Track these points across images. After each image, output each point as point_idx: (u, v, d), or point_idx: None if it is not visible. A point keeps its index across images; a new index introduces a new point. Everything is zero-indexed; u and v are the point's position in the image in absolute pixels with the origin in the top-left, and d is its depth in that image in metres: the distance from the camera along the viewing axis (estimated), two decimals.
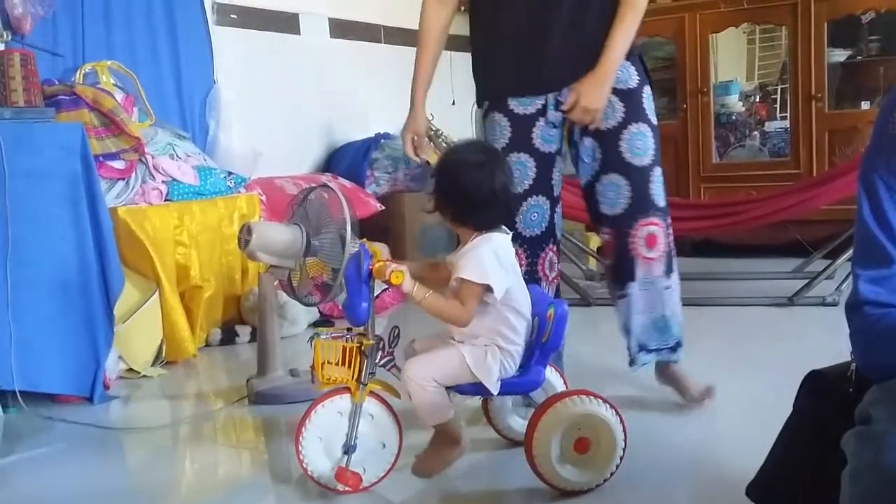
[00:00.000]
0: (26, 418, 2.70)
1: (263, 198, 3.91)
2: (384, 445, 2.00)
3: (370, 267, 1.90)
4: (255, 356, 2.93)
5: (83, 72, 3.52)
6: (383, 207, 4.55)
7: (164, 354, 3.28)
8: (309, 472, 1.97)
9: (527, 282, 2.05)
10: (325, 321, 3.91)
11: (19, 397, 2.68)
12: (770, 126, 5.33)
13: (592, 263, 4.93)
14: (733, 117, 5.36)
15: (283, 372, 2.89)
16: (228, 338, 3.64)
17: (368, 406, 1.98)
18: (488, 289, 1.88)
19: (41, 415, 2.73)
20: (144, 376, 3.15)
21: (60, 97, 3.24)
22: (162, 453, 2.51)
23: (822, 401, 1.39)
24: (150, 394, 3.04)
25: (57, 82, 3.35)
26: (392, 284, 1.86)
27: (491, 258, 1.89)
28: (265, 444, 2.61)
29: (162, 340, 3.27)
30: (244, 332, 3.66)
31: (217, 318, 3.67)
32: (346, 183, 4.48)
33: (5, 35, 3.26)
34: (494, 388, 1.93)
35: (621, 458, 1.96)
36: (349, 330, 2.02)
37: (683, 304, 3.70)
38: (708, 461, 2.16)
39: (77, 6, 3.60)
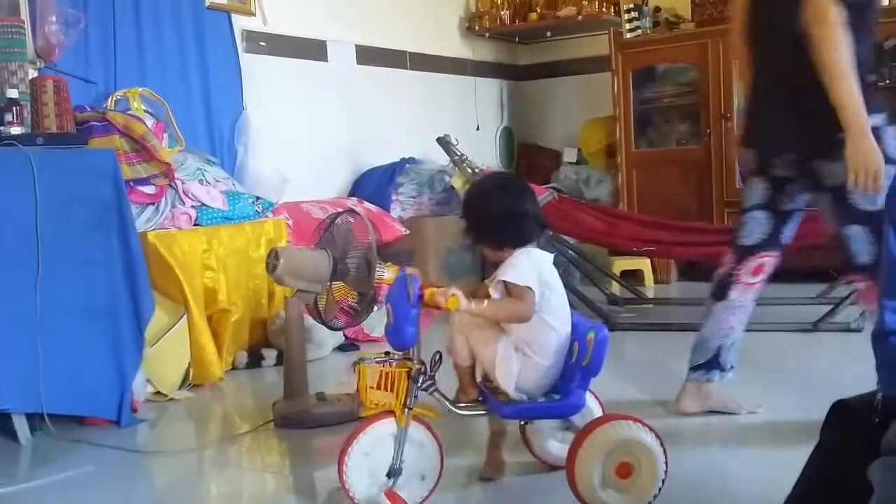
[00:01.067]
0: (54, 441, 2.72)
1: (290, 222, 3.95)
2: (424, 477, 2.01)
3: (420, 292, 1.93)
4: (282, 379, 2.95)
5: (115, 98, 3.59)
6: (408, 231, 4.58)
7: (191, 377, 3.30)
8: (351, 494, 1.98)
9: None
10: (350, 345, 3.92)
11: (47, 420, 2.71)
12: None
13: (615, 287, 4.92)
14: None
15: (310, 396, 2.90)
16: (255, 361, 3.66)
17: (413, 431, 2.00)
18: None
19: (68, 438, 2.75)
20: (171, 399, 3.18)
21: (92, 123, 3.30)
22: (188, 477, 2.52)
23: (849, 431, 1.38)
24: (176, 417, 3.06)
25: (89, 109, 3.42)
26: (448, 309, 1.92)
27: (528, 265, 2.01)
28: (291, 468, 2.62)
29: (189, 363, 3.30)
30: (270, 355, 3.68)
31: (244, 342, 3.70)
32: (372, 207, 4.52)
33: (38, 62, 3.34)
34: (511, 390, 2.01)
35: (663, 483, 1.96)
36: (387, 354, 2.03)
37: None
38: (734, 488, 2.15)
39: (109, 34, 3.67)
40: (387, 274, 2.84)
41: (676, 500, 2.03)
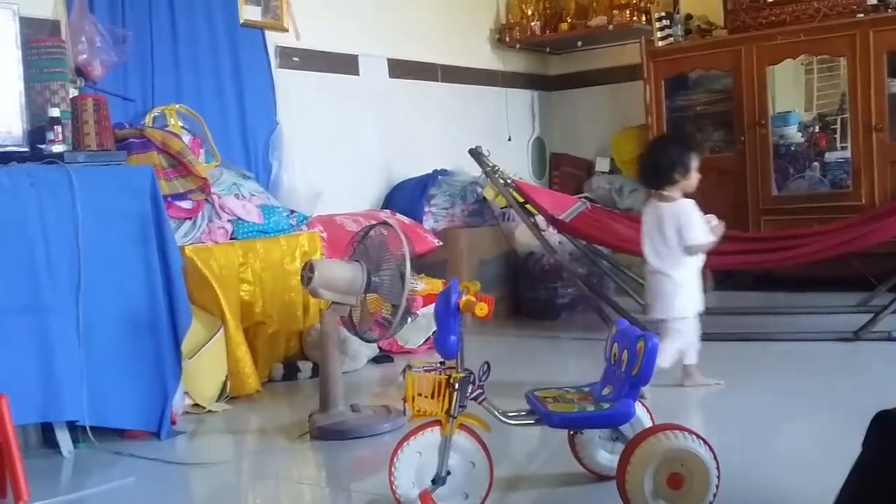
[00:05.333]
0: (96, 453, 2.77)
1: (324, 235, 3.98)
2: (467, 496, 2.02)
3: (457, 301, 1.96)
4: (317, 391, 2.97)
5: (152, 115, 3.65)
6: (441, 243, 4.59)
7: (228, 390, 3.34)
8: (394, 488, 2.01)
9: None
10: (384, 357, 3.94)
11: (89, 432, 2.76)
12: (830, 157, 5.25)
13: None
14: (792, 148, 5.29)
15: (345, 407, 2.92)
16: (290, 373, 3.69)
17: (469, 447, 2.01)
18: None
19: (110, 450, 2.80)
20: (209, 411, 3.22)
21: (131, 140, 3.36)
22: (226, 488, 2.55)
23: (891, 442, 1.37)
24: (214, 429, 3.09)
25: (128, 126, 3.48)
26: (476, 317, 1.95)
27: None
28: (327, 479, 2.64)
29: (227, 376, 3.33)
30: (306, 367, 3.71)
31: (279, 354, 3.74)
32: (405, 219, 4.54)
33: (78, 81, 3.40)
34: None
35: (714, 496, 1.95)
36: (442, 363, 2.05)
37: (745, 340, 3.67)
38: (776, 499, 2.13)
39: (147, 52, 3.73)
40: (420, 285, 2.86)
41: None
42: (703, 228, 3.12)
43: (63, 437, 2.77)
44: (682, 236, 3.10)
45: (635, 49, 5.57)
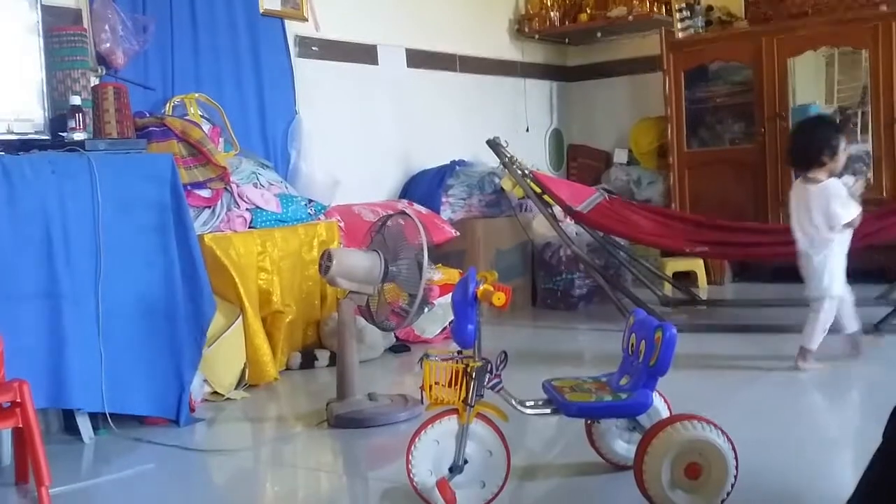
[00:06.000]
0: (116, 440, 2.80)
1: (342, 224, 3.99)
2: (484, 485, 2.03)
3: (475, 290, 1.96)
4: (335, 380, 2.99)
5: (172, 104, 3.67)
6: (458, 233, 4.60)
7: (246, 378, 3.36)
8: (412, 476, 2.02)
9: None
10: (401, 346, 3.95)
11: (109, 419, 2.79)
12: (850, 150, 5.21)
13: (668, 289, 4.88)
14: None
15: (362, 396, 2.94)
16: (308, 362, 3.71)
17: (486, 436, 2.02)
18: None
19: (130, 436, 2.83)
20: (228, 399, 3.24)
21: (151, 128, 3.38)
22: (245, 475, 2.57)
23: None
24: (233, 416, 3.12)
25: (148, 114, 3.49)
26: (494, 306, 1.96)
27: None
28: (344, 467, 2.66)
29: (245, 364, 3.35)
30: (323, 356, 3.73)
31: (297, 343, 3.75)
32: (422, 209, 4.54)
33: (100, 70, 3.42)
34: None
35: (732, 486, 1.94)
36: (459, 352, 2.05)
37: (764, 332, 3.66)
38: (795, 488, 2.12)
39: (167, 42, 3.74)
40: (437, 275, 2.86)
41: (741, 502, 2.01)
42: (850, 205, 3.20)
43: (84, 424, 2.80)
44: (830, 216, 3.18)
45: (655, 40, 5.55)
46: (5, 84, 2.85)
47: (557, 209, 4.46)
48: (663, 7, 5.65)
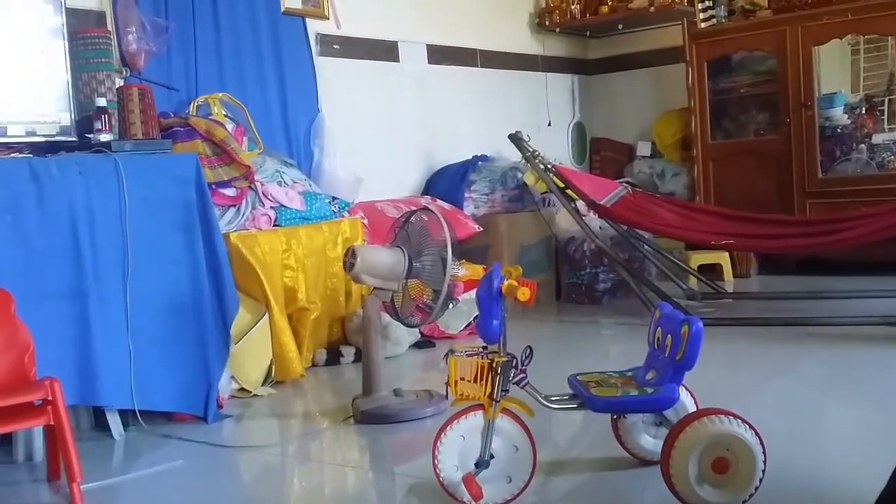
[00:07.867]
0: (145, 436, 2.84)
1: (366, 221, 4.01)
2: (510, 480, 2.03)
3: (500, 286, 1.97)
4: (360, 376, 3.00)
5: (196, 104, 3.70)
6: (481, 228, 4.60)
7: (273, 374, 3.39)
8: (438, 471, 2.03)
9: None
10: (426, 342, 3.97)
11: (139, 416, 2.83)
12: (877, 138, 5.15)
13: (693, 282, 4.86)
14: (839, 130, 5.20)
15: (387, 392, 2.95)
16: (333, 358, 3.73)
17: (512, 431, 2.02)
18: None
19: (159, 433, 2.86)
20: (255, 395, 3.27)
21: (176, 129, 3.41)
22: (272, 471, 2.59)
23: None
24: (260, 413, 3.14)
25: (172, 114, 3.52)
26: (519, 301, 1.96)
27: None
28: (370, 463, 2.67)
29: (271, 361, 3.38)
30: (349, 352, 3.75)
31: (322, 339, 3.78)
32: (445, 205, 4.55)
33: (124, 71, 3.46)
34: None
35: (761, 480, 1.93)
36: (485, 348, 2.06)
37: (791, 325, 3.61)
38: (824, 484, 2.11)
39: (190, 42, 3.77)
40: (461, 271, 2.87)
41: (769, 496, 2.00)
42: None
43: (114, 421, 2.83)
44: None
45: (677, 31, 5.51)
46: (32, 87, 2.89)
47: (581, 203, 4.45)
48: None
